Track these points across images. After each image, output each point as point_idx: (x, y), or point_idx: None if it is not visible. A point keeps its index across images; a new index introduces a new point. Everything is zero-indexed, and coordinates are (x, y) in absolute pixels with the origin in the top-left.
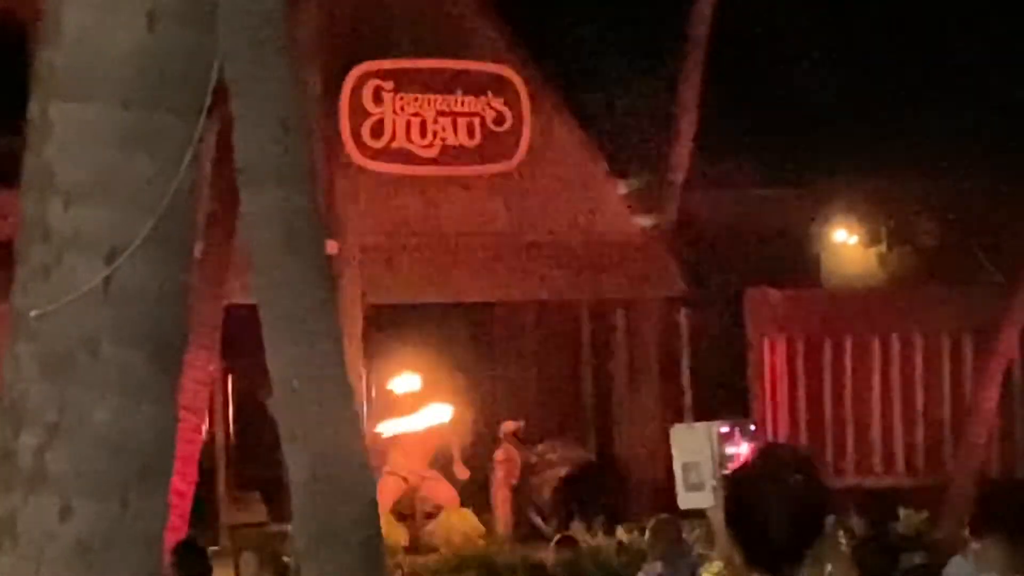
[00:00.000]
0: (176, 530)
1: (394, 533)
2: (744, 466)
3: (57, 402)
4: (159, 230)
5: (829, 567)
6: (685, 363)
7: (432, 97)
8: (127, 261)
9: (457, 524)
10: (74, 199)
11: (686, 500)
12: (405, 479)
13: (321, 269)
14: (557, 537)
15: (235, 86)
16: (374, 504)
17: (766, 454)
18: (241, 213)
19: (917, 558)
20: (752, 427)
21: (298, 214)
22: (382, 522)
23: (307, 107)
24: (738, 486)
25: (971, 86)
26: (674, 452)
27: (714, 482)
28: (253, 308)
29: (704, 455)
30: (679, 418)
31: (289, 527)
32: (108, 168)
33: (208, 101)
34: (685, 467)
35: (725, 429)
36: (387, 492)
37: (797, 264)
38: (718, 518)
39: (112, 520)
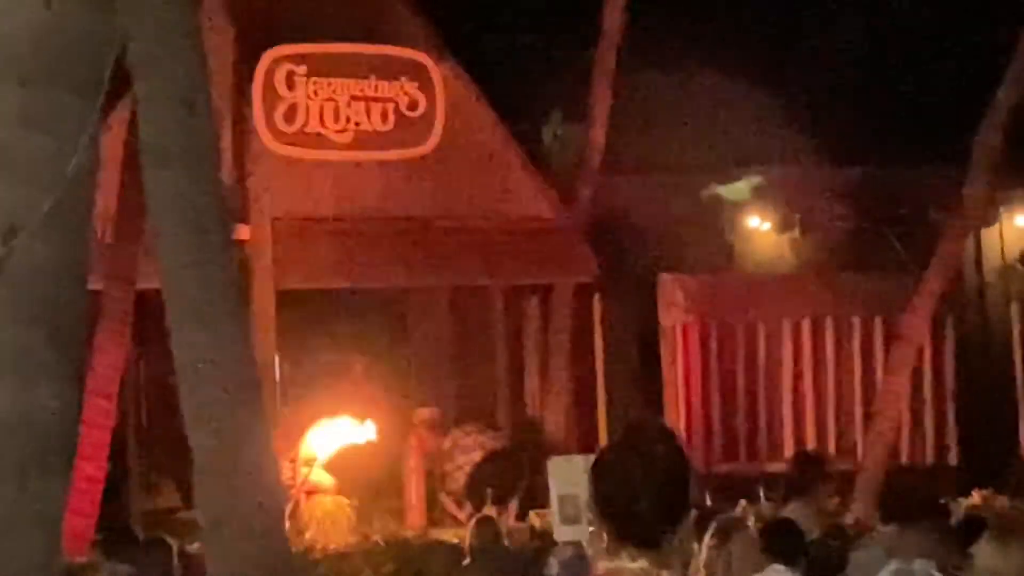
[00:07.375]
0: (87, 516)
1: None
2: (608, 442)
3: None
4: (58, 209)
5: (736, 548)
6: (598, 349)
7: (346, 82)
8: (25, 240)
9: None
10: None
11: (562, 533)
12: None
13: (226, 251)
14: (475, 517)
15: (139, 67)
16: (278, 489)
17: (630, 428)
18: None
19: (827, 543)
20: None
21: (203, 195)
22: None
23: (214, 90)
24: (602, 460)
25: (886, 72)
26: (551, 484)
27: (590, 515)
28: None
29: (581, 487)
30: (592, 404)
31: None
32: (6, 147)
33: (107, 80)
34: (561, 499)
35: None
36: None
37: (710, 250)
38: (594, 550)
39: (10, 503)
